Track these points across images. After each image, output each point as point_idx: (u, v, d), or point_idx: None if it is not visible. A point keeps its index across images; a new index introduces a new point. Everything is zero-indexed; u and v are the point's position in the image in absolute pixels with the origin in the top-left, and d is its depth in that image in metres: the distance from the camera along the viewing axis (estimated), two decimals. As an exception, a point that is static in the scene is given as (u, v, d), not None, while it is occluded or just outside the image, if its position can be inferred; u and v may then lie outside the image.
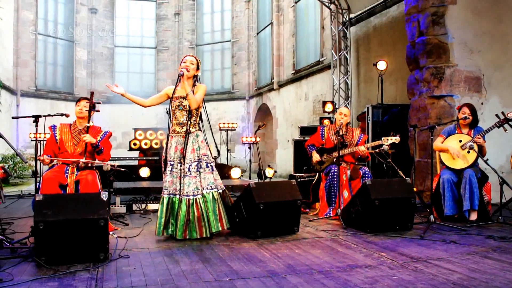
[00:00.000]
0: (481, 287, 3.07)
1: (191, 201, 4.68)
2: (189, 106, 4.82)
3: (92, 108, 5.18)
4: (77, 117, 5.26)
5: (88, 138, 5.04)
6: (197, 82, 5.02)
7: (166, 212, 4.73)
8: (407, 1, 7.77)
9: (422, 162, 7.31)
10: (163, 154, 4.89)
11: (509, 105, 7.01)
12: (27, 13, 17.27)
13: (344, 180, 6.11)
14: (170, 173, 4.80)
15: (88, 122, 5.18)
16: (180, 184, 4.73)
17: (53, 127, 5.24)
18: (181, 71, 4.78)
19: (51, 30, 18.39)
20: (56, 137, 5.18)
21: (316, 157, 6.49)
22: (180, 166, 4.77)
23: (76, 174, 5.01)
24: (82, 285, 3.13)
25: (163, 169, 4.89)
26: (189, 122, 4.86)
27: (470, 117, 5.75)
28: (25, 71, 17.20)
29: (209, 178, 4.86)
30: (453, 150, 5.68)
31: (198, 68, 4.99)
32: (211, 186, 4.83)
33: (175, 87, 4.86)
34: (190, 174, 4.76)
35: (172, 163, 4.81)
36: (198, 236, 4.67)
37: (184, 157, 4.76)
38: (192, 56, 5.05)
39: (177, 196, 4.73)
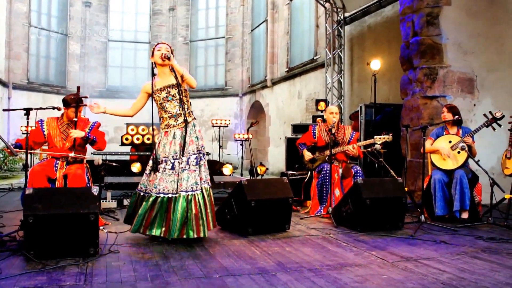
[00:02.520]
0: (470, 287, 3.09)
1: (189, 197, 4.32)
2: (180, 93, 4.50)
3: (80, 102, 5.15)
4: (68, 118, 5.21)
5: (75, 134, 5.00)
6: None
7: (149, 210, 4.36)
8: (402, 1, 7.78)
9: (413, 162, 7.33)
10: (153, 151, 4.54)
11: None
12: (20, 5, 17.14)
13: (336, 179, 6.12)
14: (163, 171, 4.40)
15: (76, 117, 5.14)
16: (177, 180, 4.38)
17: (40, 122, 5.20)
18: (165, 54, 4.39)
19: (44, 22, 18.26)
20: (44, 132, 5.15)
21: (308, 155, 6.49)
22: (177, 161, 4.41)
23: (65, 168, 4.99)
24: (71, 280, 3.12)
25: (152, 167, 4.50)
26: (183, 112, 4.51)
27: (449, 114, 5.82)
28: (17, 64, 17.09)
29: (206, 171, 4.57)
30: (443, 151, 5.72)
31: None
32: (208, 181, 4.59)
33: (152, 80, 4.55)
34: (189, 168, 4.39)
35: (166, 160, 4.42)
36: (196, 236, 4.30)
37: (182, 150, 4.41)
38: (165, 43, 4.63)
39: (169, 195, 4.34)
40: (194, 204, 4.35)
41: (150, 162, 4.56)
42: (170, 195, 4.35)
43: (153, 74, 4.65)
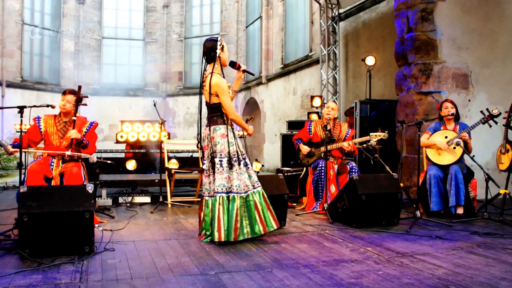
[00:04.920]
0: (466, 282, 3.09)
1: (260, 192, 4.42)
2: None
3: (79, 102, 5.12)
4: (61, 111, 5.19)
5: (74, 134, 4.98)
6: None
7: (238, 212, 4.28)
8: (397, -3, 7.79)
9: (409, 158, 7.35)
10: (224, 148, 4.37)
11: (496, 102, 7.07)
12: (13, 3, 17.04)
13: (332, 175, 6.12)
14: (239, 169, 4.36)
15: (75, 116, 5.12)
16: (247, 178, 4.38)
17: (37, 118, 5.17)
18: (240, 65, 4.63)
19: (37, 20, 18.15)
20: (41, 129, 5.12)
21: (305, 148, 6.47)
22: (240, 160, 4.40)
23: (61, 167, 4.97)
24: (66, 278, 3.11)
25: (226, 164, 4.35)
26: None
27: (454, 109, 5.85)
28: (10, 62, 16.98)
29: None
30: (440, 145, 5.75)
31: None
32: None
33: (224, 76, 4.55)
34: (249, 167, 4.47)
35: (240, 158, 4.40)
36: (263, 232, 4.34)
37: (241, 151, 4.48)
38: None
39: (240, 194, 4.30)
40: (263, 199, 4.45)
41: (225, 160, 4.36)
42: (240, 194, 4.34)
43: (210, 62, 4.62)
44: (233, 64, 4.63)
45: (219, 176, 4.32)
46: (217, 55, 4.53)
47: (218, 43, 4.53)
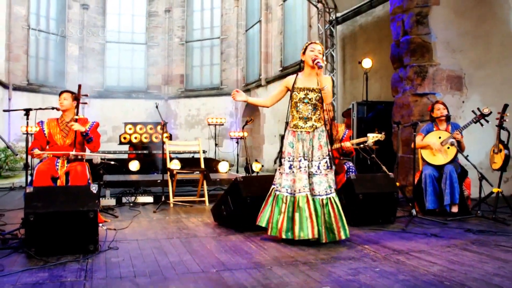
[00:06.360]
0: (460, 278, 3.15)
1: (324, 201, 4.26)
2: (314, 99, 4.48)
3: (78, 100, 5.23)
4: (61, 110, 5.32)
5: (76, 126, 5.07)
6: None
7: (286, 210, 4.31)
8: (392, 1, 7.86)
9: (405, 158, 7.42)
10: (285, 150, 4.51)
11: (490, 104, 7.09)
12: (19, 8, 17.12)
13: (330, 175, 6.18)
14: (298, 170, 4.34)
15: (77, 115, 5.22)
16: (309, 183, 4.31)
17: (41, 123, 5.27)
18: (319, 63, 4.36)
19: (43, 25, 18.24)
20: (45, 132, 5.22)
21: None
22: (307, 163, 4.35)
23: (66, 166, 5.07)
24: (72, 276, 3.16)
25: (278, 165, 4.50)
26: (314, 117, 4.50)
27: (446, 111, 5.96)
28: (17, 66, 17.05)
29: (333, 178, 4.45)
30: (434, 146, 5.84)
31: None
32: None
33: (296, 76, 4.60)
34: (321, 172, 4.32)
35: (298, 159, 4.37)
36: (337, 239, 4.25)
37: (312, 154, 4.37)
38: (319, 44, 4.61)
39: (303, 194, 4.27)
40: (331, 207, 4.28)
41: (286, 161, 4.46)
42: (303, 194, 4.29)
43: (299, 70, 4.72)
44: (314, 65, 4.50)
45: (284, 176, 4.40)
46: (301, 58, 4.70)
47: (303, 47, 4.65)
